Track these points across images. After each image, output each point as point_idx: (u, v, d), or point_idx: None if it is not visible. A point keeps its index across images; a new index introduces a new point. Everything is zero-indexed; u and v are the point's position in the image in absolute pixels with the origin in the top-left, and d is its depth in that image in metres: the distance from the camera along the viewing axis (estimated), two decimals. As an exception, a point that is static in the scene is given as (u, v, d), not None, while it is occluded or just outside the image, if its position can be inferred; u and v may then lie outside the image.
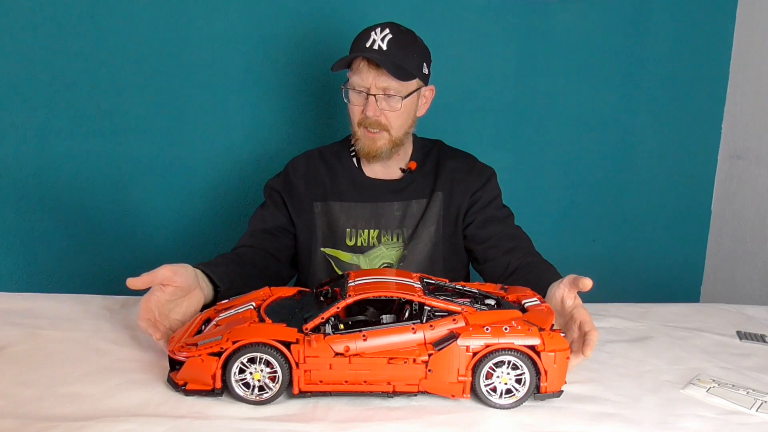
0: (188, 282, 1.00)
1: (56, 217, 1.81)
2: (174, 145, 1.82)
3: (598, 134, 2.00)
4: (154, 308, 0.96)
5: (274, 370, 0.79)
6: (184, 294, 1.00)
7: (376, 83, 1.24)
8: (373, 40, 1.24)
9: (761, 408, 0.84)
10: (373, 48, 1.23)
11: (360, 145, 1.30)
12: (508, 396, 0.81)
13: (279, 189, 1.37)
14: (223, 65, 1.80)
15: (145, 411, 0.78)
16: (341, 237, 1.34)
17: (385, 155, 1.31)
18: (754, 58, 1.94)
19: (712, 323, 1.18)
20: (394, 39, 1.24)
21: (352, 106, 1.29)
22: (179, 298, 1.00)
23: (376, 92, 1.25)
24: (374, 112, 1.25)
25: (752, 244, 1.94)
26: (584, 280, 0.94)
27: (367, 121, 1.27)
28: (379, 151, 1.29)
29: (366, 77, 1.24)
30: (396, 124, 1.28)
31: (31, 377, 0.86)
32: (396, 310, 0.88)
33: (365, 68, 1.24)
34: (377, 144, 1.28)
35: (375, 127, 1.27)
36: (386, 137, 1.28)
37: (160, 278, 0.96)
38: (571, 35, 1.92)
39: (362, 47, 1.25)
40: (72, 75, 1.74)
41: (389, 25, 1.27)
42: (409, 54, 1.27)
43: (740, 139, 1.99)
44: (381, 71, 1.23)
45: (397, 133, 1.29)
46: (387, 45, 1.24)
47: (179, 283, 0.98)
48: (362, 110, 1.27)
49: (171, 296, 0.98)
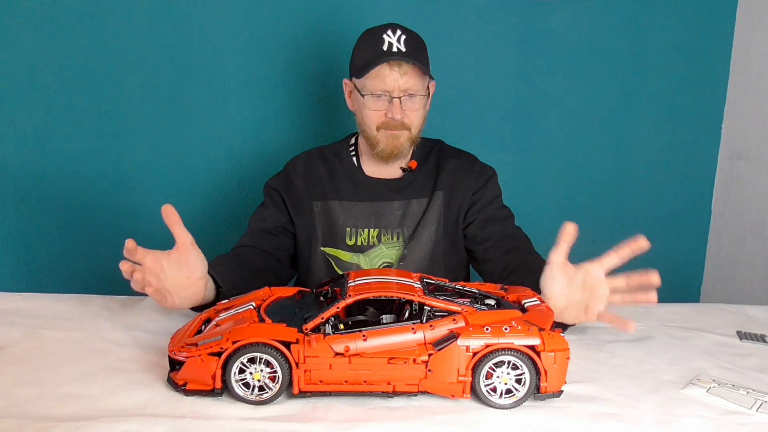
0: (195, 266, 0.99)
1: (56, 217, 1.81)
2: (174, 145, 1.82)
3: (598, 134, 2.00)
4: (152, 255, 0.96)
5: (274, 370, 0.79)
6: (187, 275, 0.99)
7: (399, 85, 1.24)
8: (389, 43, 1.24)
9: (761, 408, 0.84)
10: (393, 51, 1.23)
11: (381, 147, 1.30)
12: (508, 396, 0.81)
13: (278, 188, 1.37)
14: (223, 65, 1.80)
15: (145, 411, 0.78)
16: (341, 236, 1.34)
17: (405, 152, 1.33)
18: (754, 58, 1.93)
19: (712, 323, 1.18)
20: (408, 39, 1.25)
21: (371, 111, 1.28)
22: (179, 275, 0.98)
23: (399, 94, 1.25)
24: (401, 114, 1.26)
25: (752, 244, 1.94)
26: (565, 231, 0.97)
27: (391, 123, 1.27)
28: (402, 148, 1.30)
29: (389, 81, 1.24)
30: (416, 123, 1.30)
31: (31, 377, 0.86)
32: (396, 310, 0.88)
33: (388, 72, 1.24)
34: (400, 140, 1.29)
35: (398, 128, 1.28)
36: (407, 135, 1.30)
37: (181, 233, 0.97)
38: (571, 35, 1.92)
39: (381, 51, 1.24)
40: (72, 75, 1.74)
41: (396, 26, 1.26)
42: (423, 51, 1.29)
43: (740, 139, 1.99)
44: (405, 73, 1.23)
45: (416, 131, 1.31)
46: (405, 46, 1.24)
47: (187, 258, 0.98)
48: (384, 114, 1.27)
49: (173, 263, 0.97)
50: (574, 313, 0.99)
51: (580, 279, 0.98)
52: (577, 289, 0.98)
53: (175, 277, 0.98)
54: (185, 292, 1.00)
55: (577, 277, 0.98)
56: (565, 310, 0.99)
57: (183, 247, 0.98)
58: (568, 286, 0.99)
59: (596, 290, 0.97)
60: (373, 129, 1.29)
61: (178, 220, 0.98)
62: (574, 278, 0.98)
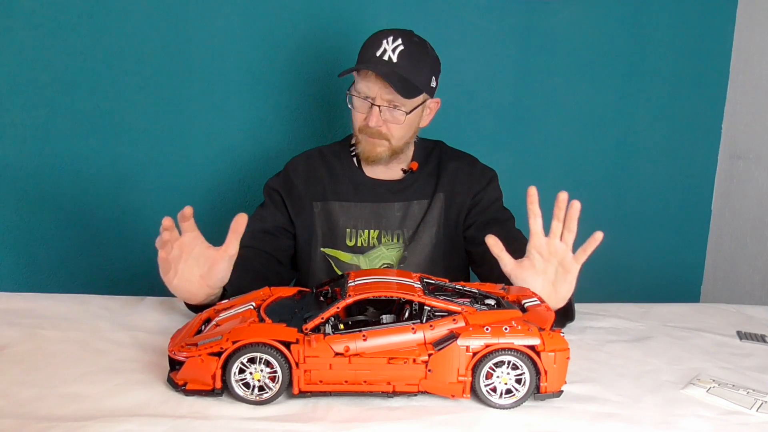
0: (217, 271, 0.99)
1: (56, 217, 1.81)
2: (174, 145, 1.82)
3: (598, 134, 2.00)
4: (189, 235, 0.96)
5: (274, 370, 0.79)
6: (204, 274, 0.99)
7: (382, 95, 1.23)
8: (383, 50, 1.22)
9: (761, 408, 0.84)
10: (383, 59, 1.22)
11: (360, 149, 1.31)
12: (508, 396, 0.81)
13: (278, 189, 1.37)
14: (223, 65, 1.80)
15: (145, 411, 0.78)
16: (341, 237, 1.34)
17: (384, 161, 1.31)
18: (754, 58, 1.93)
19: (712, 323, 1.17)
20: (406, 51, 1.23)
21: (355, 112, 1.28)
22: (198, 268, 0.99)
23: (381, 103, 1.24)
24: (377, 123, 1.25)
25: (752, 244, 1.94)
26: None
27: (368, 129, 1.26)
28: (379, 157, 1.30)
29: (372, 87, 1.23)
30: (397, 135, 1.28)
31: (31, 377, 0.86)
32: (396, 310, 0.88)
33: (373, 78, 1.23)
34: (377, 150, 1.29)
35: (376, 136, 1.27)
36: (386, 145, 1.29)
37: (231, 244, 0.97)
38: (571, 35, 1.92)
39: (371, 56, 1.23)
40: (72, 75, 1.74)
41: (402, 34, 1.24)
42: (419, 68, 1.25)
43: (740, 139, 1.99)
44: (388, 85, 1.22)
45: (397, 143, 1.30)
46: (397, 57, 1.22)
47: (218, 264, 0.97)
48: (365, 118, 1.26)
49: (201, 257, 0.98)
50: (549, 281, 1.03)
51: (539, 259, 1.03)
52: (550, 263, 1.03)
53: (192, 268, 0.98)
54: (187, 285, 1.00)
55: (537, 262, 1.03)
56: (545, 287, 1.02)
57: (224, 253, 0.97)
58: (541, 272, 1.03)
59: (560, 255, 1.02)
60: (356, 129, 1.30)
61: (240, 233, 0.97)
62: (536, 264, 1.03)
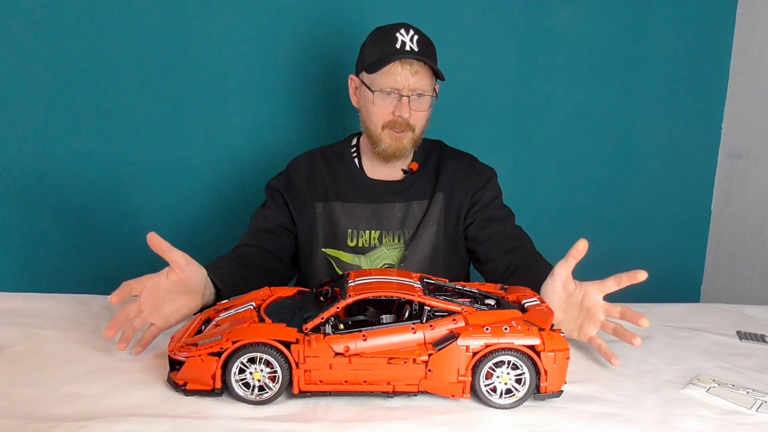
0: (195, 281, 0.98)
1: (56, 217, 1.81)
2: (174, 145, 1.82)
3: (598, 134, 2.00)
4: (149, 288, 0.95)
5: (274, 370, 0.79)
6: (186, 292, 0.99)
7: (410, 84, 1.24)
8: (402, 42, 1.23)
9: (761, 408, 0.84)
10: (405, 50, 1.23)
11: (384, 146, 1.29)
12: (508, 396, 0.81)
13: (280, 189, 1.37)
14: (224, 65, 1.80)
15: (145, 411, 0.78)
16: (342, 237, 1.34)
17: (407, 154, 1.33)
18: (754, 58, 1.94)
19: (712, 323, 1.17)
20: (421, 39, 1.26)
21: (379, 108, 1.27)
22: (179, 294, 0.98)
23: (408, 93, 1.25)
24: (408, 113, 1.26)
25: (752, 244, 1.94)
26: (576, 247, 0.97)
27: (397, 122, 1.27)
28: (404, 150, 1.30)
29: (401, 79, 1.24)
30: (421, 124, 1.30)
31: (31, 377, 0.86)
32: (396, 310, 0.88)
33: (399, 70, 1.23)
34: (403, 143, 1.29)
35: (404, 127, 1.27)
36: (410, 136, 1.29)
37: (174, 255, 0.95)
38: (571, 35, 1.92)
39: (394, 50, 1.23)
40: (72, 75, 1.74)
41: (410, 26, 1.26)
42: (434, 52, 1.29)
43: (740, 139, 1.99)
44: (415, 72, 1.23)
45: (419, 132, 1.31)
46: (417, 45, 1.24)
47: (186, 276, 0.96)
48: (392, 112, 1.27)
49: (172, 286, 0.96)
50: (569, 328, 1.00)
51: (579, 297, 0.99)
52: (575, 306, 0.99)
53: (175, 300, 0.98)
54: (183, 311, 0.99)
55: (576, 295, 0.99)
56: (561, 323, 1.00)
57: (179, 268, 0.96)
58: (566, 301, 1.00)
59: (592, 312, 0.98)
60: (378, 127, 1.29)
61: (166, 245, 0.96)
62: (574, 295, 0.99)
